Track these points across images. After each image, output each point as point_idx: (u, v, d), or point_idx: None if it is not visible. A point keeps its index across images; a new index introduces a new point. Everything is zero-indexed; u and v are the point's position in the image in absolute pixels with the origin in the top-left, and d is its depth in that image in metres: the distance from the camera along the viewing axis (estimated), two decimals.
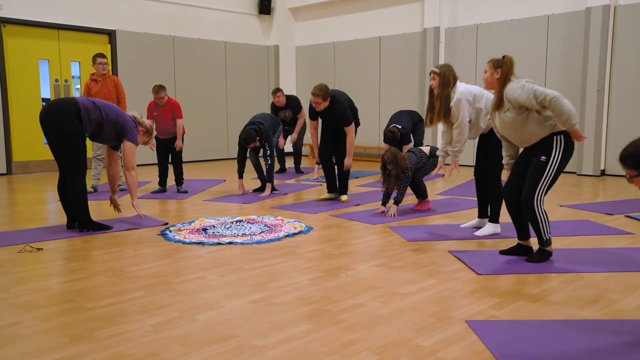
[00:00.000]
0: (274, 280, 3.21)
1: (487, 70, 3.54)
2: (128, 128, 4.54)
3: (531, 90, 3.30)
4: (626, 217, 4.97)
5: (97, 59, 6.50)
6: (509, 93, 3.40)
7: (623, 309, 2.71)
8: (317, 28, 11.36)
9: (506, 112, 3.45)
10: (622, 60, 7.59)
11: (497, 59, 3.52)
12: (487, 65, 3.55)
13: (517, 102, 3.35)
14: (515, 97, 3.35)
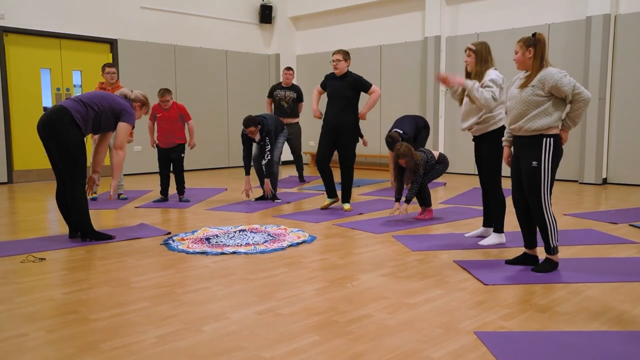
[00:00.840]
0: (279, 291, 3.19)
1: (517, 51, 3.44)
2: (125, 111, 4.46)
3: (573, 82, 3.33)
4: (630, 225, 4.95)
5: (105, 69, 6.51)
6: (548, 77, 3.34)
7: (633, 320, 2.69)
8: (317, 37, 11.39)
9: (530, 90, 3.40)
10: (623, 69, 7.61)
11: (527, 37, 3.43)
12: (517, 45, 3.45)
13: (556, 89, 3.32)
14: (556, 83, 3.31)
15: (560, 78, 3.32)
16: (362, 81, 5.75)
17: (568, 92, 3.32)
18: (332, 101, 5.82)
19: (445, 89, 4.19)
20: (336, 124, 5.75)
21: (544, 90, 3.36)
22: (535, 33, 3.46)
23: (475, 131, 4.26)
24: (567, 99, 3.35)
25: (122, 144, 4.49)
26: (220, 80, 10.78)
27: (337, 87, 5.78)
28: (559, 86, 3.31)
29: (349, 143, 5.76)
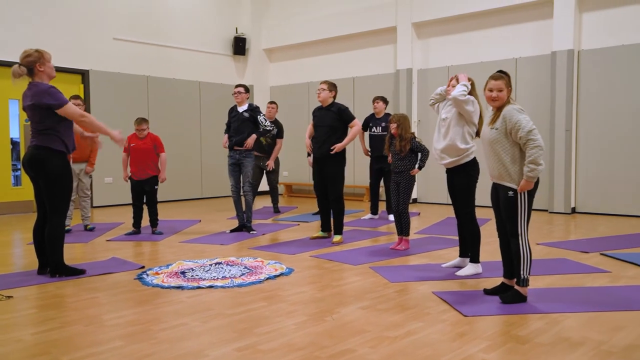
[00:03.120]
0: (258, 326, 3.13)
1: (502, 89, 3.47)
2: (47, 96, 4.14)
3: (530, 127, 3.36)
4: (601, 254, 5.06)
5: (71, 100, 6.41)
6: (510, 115, 3.42)
7: (610, 350, 2.72)
8: (291, 69, 11.52)
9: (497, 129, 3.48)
10: (587, 101, 7.88)
11: (506, 75, 3.51)
12: (502, 83, 3.47)
13: (513, 132, 3.40)
14: (514, 123, 3.39)
15: (522, 124, 3.38)
16: (345, 112, 5.82)
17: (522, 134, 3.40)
18: (317, 130, 5.89)
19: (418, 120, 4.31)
20: (320, 153, 5.80)
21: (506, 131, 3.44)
22: (501, 70, 3.58)
23: (448, 163, 4.33)
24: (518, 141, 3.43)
25: (79, 115, 4.25)
26: (194, 111, 10.75)
27: (322, 116, 5.86)
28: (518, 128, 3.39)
29: (334, 173, 5.77)
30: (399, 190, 5.34)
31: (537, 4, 8.16)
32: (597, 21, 7.76)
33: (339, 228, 5.87)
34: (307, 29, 10.94)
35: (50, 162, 4.20)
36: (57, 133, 4.23)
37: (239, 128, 6.38)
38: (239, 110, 6.49)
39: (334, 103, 5.87)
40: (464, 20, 8.96)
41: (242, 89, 6.59)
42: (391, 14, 9.69)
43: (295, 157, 10.92)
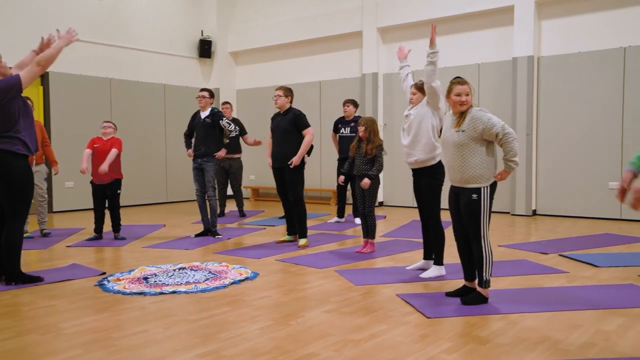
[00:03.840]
0: (222, 331, 3.09)
1: (469, 93, 3.55)
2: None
3: (502, 122, 3.45)
4: (560, 255, 5.19)
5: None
6: (479, 116, 3.49)
7: (567, 349, 2.79)
8: (257, 72, 11.47)
9: (463, 131, 3.53)
10: (546, 106, 8.10)
11: (467, 81, 3.60)
12: (468, 88, 3.55)
13: (486, 131, 3.46)
14: (486, 122, 3.46)
15: (491, 124, 3.46)
16: (300, 119, 5.80)
17: (493, 134, 3.47)
18: (274, 135, 5.88)
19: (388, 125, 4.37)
20: (277, 159, 5.79)
21: (477, 134, 3.50)
22: (462, 78, 3.65)
23: (414, 164, 4.38)
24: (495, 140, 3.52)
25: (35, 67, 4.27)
26: (158, 114, 10.60)
27: (279, 122, 5.86)
28: (489, 130, 3.47)
29: (292, 178, 5.76)
30: (365, 194, 5.37)
31: (498, 11, 8.35)
32: (556, 29, 7.99)
33: (303, 231, 5.86)
34: (273, 33, 10.92)
35: (13, 165, 4.07)
36: (17, 134, 4.11)
37: (205, 138, 6.32)
38: (202, 116, 6.43)
39: (291, 109, 5.86)
40: (428, 26, 9.07)
41: (206, 93, 6.54)
42: (357, 18, 9.76)
43: (261, 160, 10.85)
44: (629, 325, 3.13)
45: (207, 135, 6.32)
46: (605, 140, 7.57)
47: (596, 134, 7.65)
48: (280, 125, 5.82)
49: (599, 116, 7.61)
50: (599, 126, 7.61)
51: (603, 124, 7.58)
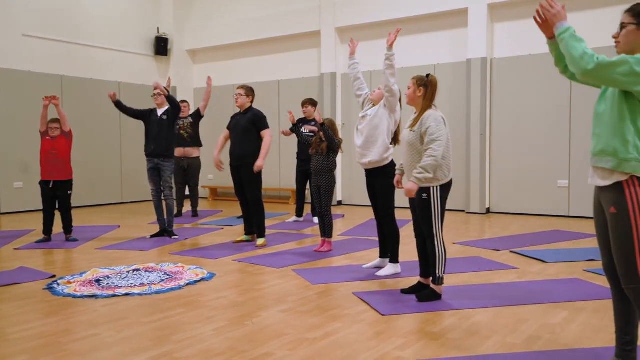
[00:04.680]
0: (176, 333, 3.06)
1: (410, 87, 3.65)
2: None
3: (436, 137, 3.47)
4: (511, 252, 5.35)
5: None
6: (426, 119, 3.54)
7: (514, 342, 2.89)
8: (215, 70, 11.35)
9: (414, 131, 3.60)
10: (499, 107, 8.32)
11: (421, 77, 3.66)
12: (411, 82, 3.66)
13: (424, 134, 3.52)
14: (426, 127, 3.51)
15: (431, 126, 3.50)
16: (259, 119, 5.77)
17: (427, 140, 3.51)
18: (232, 135, 5.85)
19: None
20: (235, 157, 5.75)
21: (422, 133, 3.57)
22: (429, 74, 3.70)
23: (367, 165, 4.43)
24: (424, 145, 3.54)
25: None
26: (113, 112, 10.29)
27: (238, 120, 5.83)
28: (427, 130, 3.52)
29: (249, 178, 5.73)
30: (320, 193, 5.40)
31: (452, 13, 8.53)
32: (508, 31, 8.22)
33: (261, 231, 5.85)
34: (231, 31, 10.84)
35: None
36: None
37: (158, 135, 6.22)
38: (158, 113, 6.33)
39: (251, 108, 5.84)
40: (386, 27, 9.19)
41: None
42: (315, 18, 9.79)
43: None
44: (572, 318, 3.26)
45: (161, 132, 6.22)
46: (554, 140, 7.84)
47: (546, 134, 7.91)
48: (239, 124, 5.79)
49: (548, 117, 7.88)
50: (549, 126, 7.88)
51: (552, 124, 7.85)
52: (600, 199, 2.32)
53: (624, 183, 2.19)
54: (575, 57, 2.13)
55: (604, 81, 2.14)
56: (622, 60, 2.09)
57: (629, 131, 2.17)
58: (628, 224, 2.17)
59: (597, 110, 2.31)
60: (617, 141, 2.19)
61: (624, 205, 2.18)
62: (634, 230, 2.16)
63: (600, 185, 2.28)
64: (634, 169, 2.16)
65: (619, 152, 2.18)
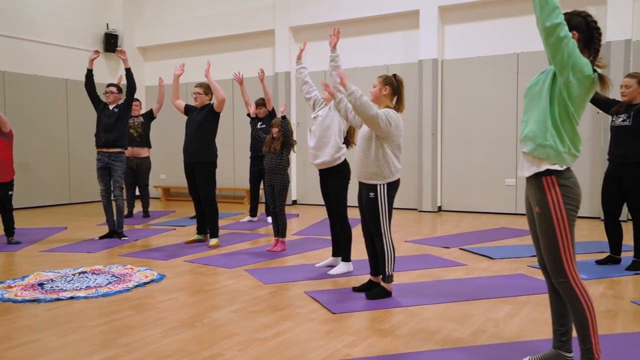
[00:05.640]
0: (122, 336, 2.99)
1: (376, 85, 3.69)
2: None
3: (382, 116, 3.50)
4: (460, 249, 5.48)
5: None
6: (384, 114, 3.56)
7: (460, 337, 2.96)
8: (168, 68, 11.13)
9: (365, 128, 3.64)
10: (450, 107, 8.51)
11: (387, 76, 3.70)
12: (377, 80, 3.70)
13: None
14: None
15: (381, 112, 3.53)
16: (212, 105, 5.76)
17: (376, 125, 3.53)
18: (187, 131, 5.78)
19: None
20: (189, 155, 5.69)
21: None
22: (395, 74, 3.75)
23: (320, 165, 4.45)
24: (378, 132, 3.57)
25: None
26: (60, 110, 10.00)
27: (195, 116, 5.76)
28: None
29: (203, 177, 5.66)
30: (274, 193, 5.38)
31: (404, 14, 8.66)
32: (458, 33, 8.41)
33: (214, 231, 5.78)
34: (184, 29, 10.66)
35: None
36: None
37: (112, 127, 6.08)
38: (110, 107, 6.22)
39: (210, 104, 5.80)
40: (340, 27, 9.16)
41: (114, 88, 6.31)
42: (269, 17, 9.75)
43: (173, 159, 10.59)
44: (515, 312, 3.37)
45: (112, 122, 6.08)
46: (502, 140, 8.08)
47: (494, 134, 8.14)
48: (195, 119, 5.71)
49: (496, 117, 8.11)
50: (497, 126, 8.11)
51: (500, 124, 8.08)
52: (528, 197, 2.43)
53: (544, 182, 2.30)
54: (548, 3, 2.15)
55: (553, 39, 2.18)
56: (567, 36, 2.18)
57: (548, 120, 2.28)
58: (551, 223, 2.28)
59: (525, 98, 2.44)
60: (538, 127, 2.31)
61: (546, 206, 2.29)
62: (556, 229, 2.27)
63: (525, 175, 2.39)
64: (548, 155, 2.27)
65: (537, 137, 2.30)
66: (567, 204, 2.27)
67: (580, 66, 2.21)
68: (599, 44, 2.31)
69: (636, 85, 4.30)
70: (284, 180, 5.38)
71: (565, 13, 2.28)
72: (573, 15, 2.33)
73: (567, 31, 2.18)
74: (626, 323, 3.15)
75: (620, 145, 4.37)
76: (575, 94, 2.25)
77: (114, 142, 6.09)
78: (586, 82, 2.24)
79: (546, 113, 2.29)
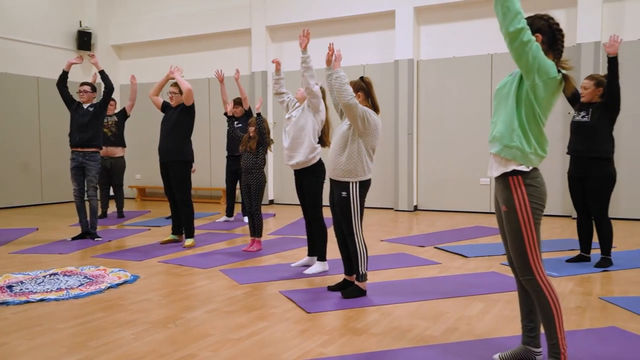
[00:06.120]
0: (93, 339, 2.95)
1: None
2: None
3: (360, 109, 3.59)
4: (435, 248, 5.54)
5: None
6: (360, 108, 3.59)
7: (433, 335, 2.99)
8: (143, 67, 11.02)
9: (343, 125, 3.69)
10: (426, 107, 8.59)
11: (355, 81, 3.77)
12: (353, 84, 3.74)
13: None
14: None
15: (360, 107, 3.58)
16: (192, 105, 5.71)
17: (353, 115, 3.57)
18: (162, 130, 5.73)
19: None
20: (163, 154, 5.66)
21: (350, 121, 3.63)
22: (362, 77, 3.77)
23: (296, 165, 4.46)
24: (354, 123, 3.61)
25: None
26: (32, 109, 9.81)
27: (170, 115, 5.71)
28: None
29: (178, 177, 5.61)
30: (250, 192, 5.37)
31: (381, 15, 8.71)
32: (433, 34, 8.49)
33: (190, 231, 5.74)
34: (160, 27, 10.55)
35: None
36: None
37: (85, 124, 5.99)
38: (84, 105, 6.13)
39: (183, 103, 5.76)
40: (315, 26, 9.23)
41: (88, 87, 6.23)
42: (245, 16, 9.71)
43: (149, 159, 10.47)
44: (487, 309, 3.42)
45: (87, 122, 5.99)
46: (476, 140, 8.18)
47: (469, 134, 8.24)
48: (170, 118, 5.66)
49: (471, 117, 8.21)
50: (471, 126, 8.20)
51: (474, 124, 8.18)
52: (497, 196, 2.47)
53: (510, 182, 2.34)
54: (510, 9, 2.17)
55: (517, 44, 2.21)
56: (530, 40, 2.22)
57: (515, 122, 2.33)
58: (517, 221, 2.33)
59: (495, 100, 2.48)
60: (505, 129, 2.35)
61: (512, 205, 2.33)
62: (522, 227, 2.32)
63: (494, 175, 2.43)
64: (514, 156, 2.32)
65: (504, 138, 2.35)
66: (533, 202, 2.32)
67: (545, 68, 2.26)
68: (562, 45, 2.36)
69: (593, 87, 4.46)
70: (260, 179, 5.37)
71: (528, 17, 2.33)
72: (535, 18, 2.37)
73: (530, 35, 2.23)
74: (593, 319, 3.23)
75: (579, 140, 4.52)
76: (542, 96, 2.30)
77: (88, 141, 6.01)
78: (552, 84, 2.29)
79: (513, 115, 2.34)
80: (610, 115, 4.40)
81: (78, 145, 6.01)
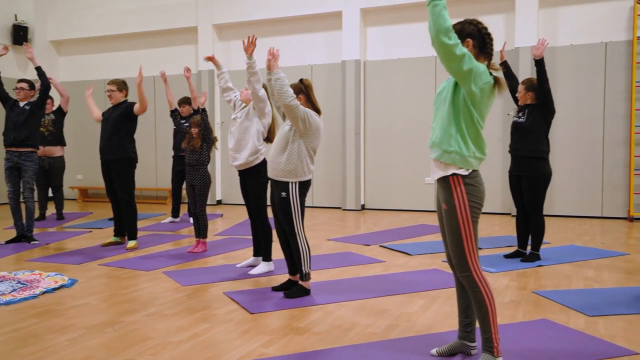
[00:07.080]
0: (24, 346, 2.83)
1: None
2: None
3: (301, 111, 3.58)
4: (380, 246, 5.62)
5: None
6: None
7: (374, 332, 3.04)
8: (86, 64, 10.66)
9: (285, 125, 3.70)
10: (372, 107, 8.70)
11: (295, 84, 3.73)
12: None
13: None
14: None
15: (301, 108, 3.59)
16: (131, 105, 5.53)
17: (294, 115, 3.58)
18: (102, 128, 5.57)
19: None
20: (104, 152, 5.51)
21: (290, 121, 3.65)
22: (302, 79, 3.77)
23: (239, 166, 4.44)
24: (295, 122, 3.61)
25: None
26: None
27: (110, 114, 5.56)
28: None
29: (120, 175, 5.46)
30: (195, 193, 5.29)
31: (328, 15, 8.75)
32: (379, 35, 8.62)
33: (133, 233, 5.60)
34: (104, 22, 10.23)
35: None
36: None
37: (20, 122, 5.73)
38: (21, 104, 5.87)
39: (126, 102, 5.61)
40: (264, 26, 9.22)
41: (25, 84, 5.98)
42: (192, 13, 9.56)
43: (91, 158, 10.14)
44: (427, 305, 3.50)
45: (22, 120, 5.74)
46: (421, 140, 8.33)
47: (414, 134, 8.40)
48: (111, 117, 5.51)
49: (416, 117, 8.37)
50: (416, 127, 8.36)
51: (419, 124, 8.33)
52: (438, 195, 2.54)
53: (450, 181, 2.42)
54: (442, 26, 2.22)
55: (448, 60, 2.29)
56: (464, 54, 2.29)
57: (453, 127, 2.40)
58: (456, 219, 2.40)
59: (434, 105, 2.56)
60: (443, 134, 2.43)
61: (452, 203, 2.41)
62: (460, 225, 2.40)
63: (436, 177, 2.50)
64: (454, 160, 2.40)
65: (443, 143, 2.43)
66: (472, 202, 2.40)
67: (479, 75, 2.33)
68: (491, 48, 2.46)
69: (524, 91, 4.70)
70: (205, 178, 5.30)
71: (457, 23, 2.40)
72: (465, 24, 2.45)
73: (462, 48, 2.29)
74: (526, 312, 3.36)
75: (516, 139, 4.74)
76: (479, 101, 2.37)
77: (24, 140, 5.76)
78: (487, 89, 2.37)
79: (450, 121, 2.41)
80: (544, 116, 4.61)
81: (12, 145, 5.76)
